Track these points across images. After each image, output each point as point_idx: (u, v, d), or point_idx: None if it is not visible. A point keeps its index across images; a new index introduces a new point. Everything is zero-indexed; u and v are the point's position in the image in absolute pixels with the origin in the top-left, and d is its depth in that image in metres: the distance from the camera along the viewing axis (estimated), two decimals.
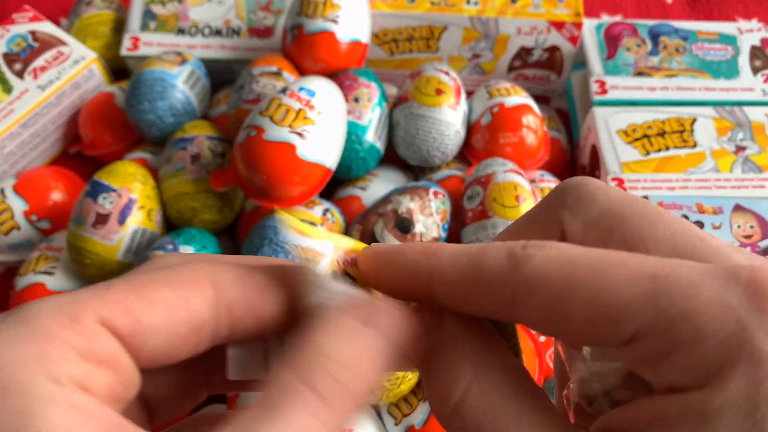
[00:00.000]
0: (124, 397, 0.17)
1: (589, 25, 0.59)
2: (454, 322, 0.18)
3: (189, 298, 0.18)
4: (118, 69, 0.62)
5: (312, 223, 0.46)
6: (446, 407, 0.17)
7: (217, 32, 0.60)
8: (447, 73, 0.53)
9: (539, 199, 0.48)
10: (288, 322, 0.19)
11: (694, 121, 0.53)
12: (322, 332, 0.17)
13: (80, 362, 0.16)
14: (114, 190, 0.48)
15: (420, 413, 0.44)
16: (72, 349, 0.16)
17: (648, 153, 0.52)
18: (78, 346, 0.16)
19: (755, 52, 0.58)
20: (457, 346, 0.17)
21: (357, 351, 0.17)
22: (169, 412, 0.21)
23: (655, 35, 0.59)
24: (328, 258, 0.20)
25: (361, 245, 0.20)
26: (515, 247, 0.16)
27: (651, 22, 0.60)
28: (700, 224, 0.47)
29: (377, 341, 0.17)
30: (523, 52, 0.60)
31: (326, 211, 0.49)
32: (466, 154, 0.54)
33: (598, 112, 0.54)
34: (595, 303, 0.15)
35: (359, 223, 0.47)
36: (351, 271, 0.20)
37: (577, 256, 0.15)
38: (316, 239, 0.20)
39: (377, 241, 0.46)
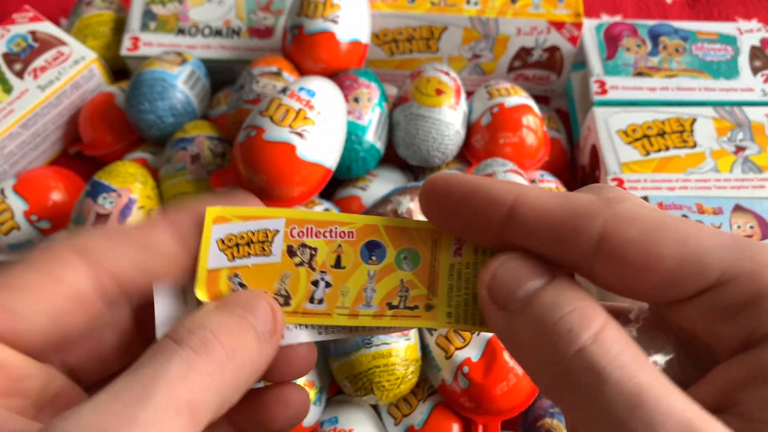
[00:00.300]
0: (17, 390, 0.17)
1: (589, 25, 0.59)
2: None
3: (57, 273, 0.18)
4: (119, 69, 0.62)
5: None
6: (583, 335, 0.15)
7: (217, 32, 0.60)
8: (447, 74, 0.53)
9: None
10: (187, 264, 0.20)
11: (693, 121, 0.53)
12: (201, 312, 0.18)
13: None
14: (114, 190, 0.48)
15: (420, 413, 0.44)
16: None
17: (648, 153, 0.52)
18: None
19: (755, 53, 0.58)
20: (583, 289, 0.17)
21: (229, 319, 0.18)
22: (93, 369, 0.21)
23: (655, 35, 0.59)
24: (281, 234, 0.20)
25: (314, 214, 0.20)
26: (605, 191, 0.17)
27: (651, 23, 0.60)
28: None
29: (238, 311, 0.18)
30: (523, 53, 0.60)
31: (326, 211, 0.49)
32: (466, 154, 0.54)
33: (598, 113, 0.54)
34: (684, 243, 0.15)
35: None
36: (309, 243, 0.20)
37: (661, 211, 0.17)
38: (265, 218, 0.20)
39: None
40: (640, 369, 0.15)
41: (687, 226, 0.16)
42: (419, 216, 0.46)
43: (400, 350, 0.42)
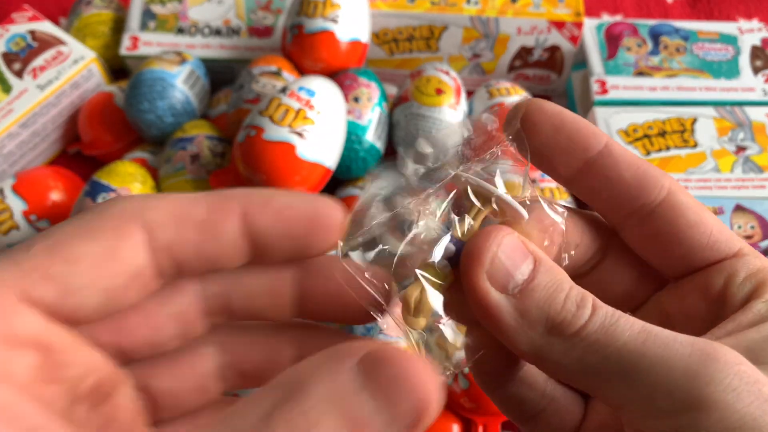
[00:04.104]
0: (58, 377, 0.16)
1: (589, 24, 0.59)
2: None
3: (117, 248, 0.16)
4: (118, 69, 0.62)
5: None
6: (587, 306, 0.17)
7: (217, 32, 0.60)
8: (447, 73, 0.52)
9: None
10: (253, 252, 0.18)
11: (694, 121, 0.53)
12: (319, 386, 0.14)
13: None
14: (113, 190, 0.48)
15: None
16: None
17: (649, 153, 0.52)
18: None
19: (756, 52, 0.58)
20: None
21: (331, 415, 0.14)
22: (177, 405, 0.20)
23: (655, 35, 0.59)
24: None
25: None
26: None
27: (651, 22, 0.60)
28: None
29: (365, 407, 0.14)
30: (524, 52, 0.59)
31: None
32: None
33: (599, 112, 0.54)
34: (718, 221, 0.20)
35: None
36: None
37: None
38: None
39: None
40: (630, 316, 0.17)
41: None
42: (419, 215, 0.46)
43: None
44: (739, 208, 0.48)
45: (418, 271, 0.19)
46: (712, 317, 0.19)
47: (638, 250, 0.21)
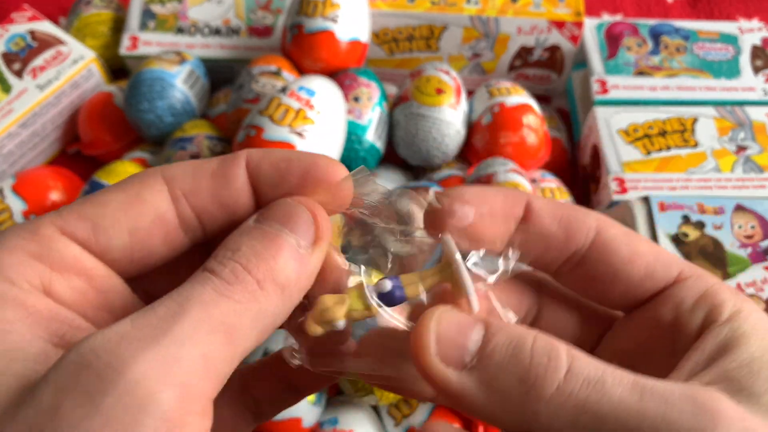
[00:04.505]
0: (105, 303, 0.18)
1: (589, 24, 0.59)
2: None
3: (140, 194, 0.18)
4: (117, 68, 0.62)
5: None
6: (561, 368, 0.16)
7: (217, 31, 0.60)
8: (447, 73, 0.52)
9: None
10: (257, 201, 0.20)
11: (695, 120, 0.53)
12: (239, 231, 0.18)
13: (39, 267, 0.17)
14: None
15: (420, 414, 0.44)
16: (30, 255, 0.17)
17: (649, 153, 0.52)
18: (36, 252, 0.17)
19: (756, 52, 0.58)
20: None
21: (261, 242, 0.17)
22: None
23: (655, 35, 0.59)
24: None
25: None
26: None
27: (652, 22, 0.60)
28: (701, 224, 0.47)
29: (269, 229, 0.18)
30: (524, 52, 0.59)
31: None
32: (467, 153, 0.54)
33: (599, 112, 0.54)
34: (652, 245, 0.20)
35: None
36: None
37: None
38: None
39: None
40: (615, 369, 0.16)
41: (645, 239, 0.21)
42: (419, 215, 0.46)
43: None
44: (739, 208, 0.48)
45: (350, 284, 0.19)
46: (669, 349, 0.19)
47: (578, 293, 0.21)
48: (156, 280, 0.20)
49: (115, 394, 0.14)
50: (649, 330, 0.20)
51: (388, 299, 0.19)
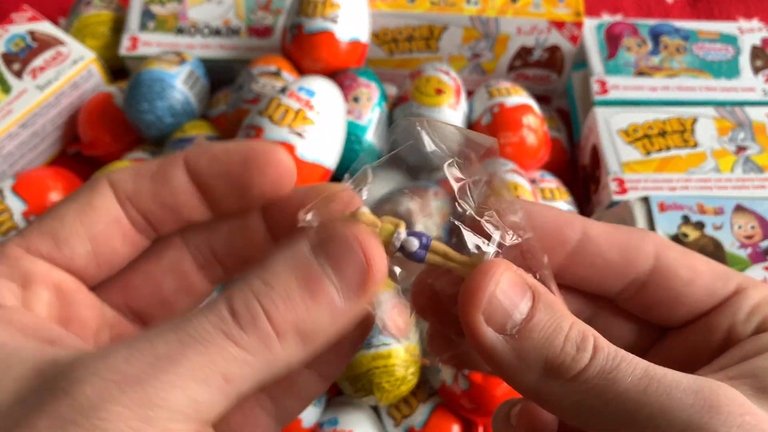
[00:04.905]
0: (74, 316, 0.19)
1: (589, 24, 0.59)
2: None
3: (92, 201, 0.19)
4: (117, 69, 0.62)
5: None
6: (588, 347, 0.17)
7: (217, 32, 0.60)
8: (447, 73, 0.52)
9: (539, 200, 0.48)
10: (205, 198, 0.20)
11: (695, 121, 0.53)
12: (287, 256, 0.17)
13: (12, 287, 0.18)
14: None
15: (420, 414, 0.44)
16: (1, 277, 0.18)
17: (649, 153, 0.52)
18: (6, 273, 0.18)
19: (756, 52, 0.58)
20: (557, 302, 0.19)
21: (300, 282, 0.16)
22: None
23: (655, 35, 0.59)
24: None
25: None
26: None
27: (652, 22, 0.60)
28: (701, 224, 0.47)
29: (317, 268, 0.16)
30: (524, 52, 0.59)
31: None
32: None
33: (599, 112, 0.54)
34: (709, 262, 0.20)
35: None
36: None
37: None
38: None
39: None
40: (634, 357, 0.17)
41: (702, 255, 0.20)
42: (419, 216, 0.46)
43: (400, 351, 0.42)
44: (739, 208, 0.48)
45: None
46: (717, 356, 0.19)
47: (638, 314, 0.21)
48: (132, 286, 0.21)
49: (88, 428, 0.14)
50: (703, 339, 0.20)
51: (409, 254, 0.18)
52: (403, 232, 0.18)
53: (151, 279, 0.21)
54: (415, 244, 0.18)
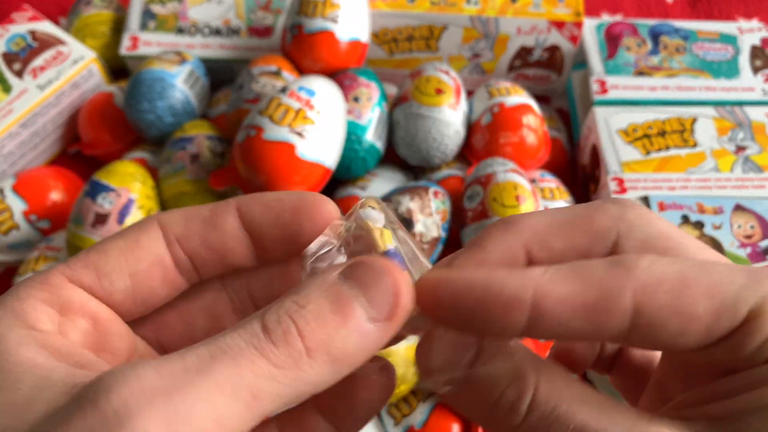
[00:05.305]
0: (107, 345, 0.19)
1: (589, 24, 0.59)
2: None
3: (139, 240, 0.20)
4: (118, 69, 0.62)
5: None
6: (522, 406, 0.17)
7: (217, 32, 0.60)
8: (447, 73, 0.52)
9: (539, 199, 0.48)
10: (255, 245, 0.21)
11: (694, 120, 0.53)
12: (319, 281, 0.18)
13: (51, 312, 0.18)
14: (113, 190, 0.48)
15: (420, 414, 0.44)
16: (41, 301, 0.18)
17: (648, 153, 0.52)
18: (46, 299, 0.18)
19: (756, 52, 0.58)
20: (512, 352, 0.18)
21: (332, 304, 0.17)
22: None
23: (655, 35, 0.59)
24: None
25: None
26: (616, 257, 0.17)
27: (651, 22, 0.60)
28: (701, 224, 0.47)
29: (347, 292, 0.17)
30: (524, 52, 0.59)
31: None
32: (466, 153, 0.54)
33: (599, 112, 0.54)
34: (713, 294, 0.16)
35: None
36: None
37: (674, 259, 0.17)
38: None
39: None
40: (576, 411, 0.16)
41: (709, 275, 0.16)
42: (419, 215, 0.46)
43: (400, 350, 0.42)
44: (738, 208, 0.48)
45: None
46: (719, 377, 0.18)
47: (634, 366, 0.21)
48: (166, 323, 0.21)
49: None
50: (704, 365, 0.19)
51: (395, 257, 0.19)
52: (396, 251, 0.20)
53: (186, 317, 0.22)
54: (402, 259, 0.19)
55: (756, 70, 0.57)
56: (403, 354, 0.42)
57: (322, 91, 0.47)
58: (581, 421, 0.16)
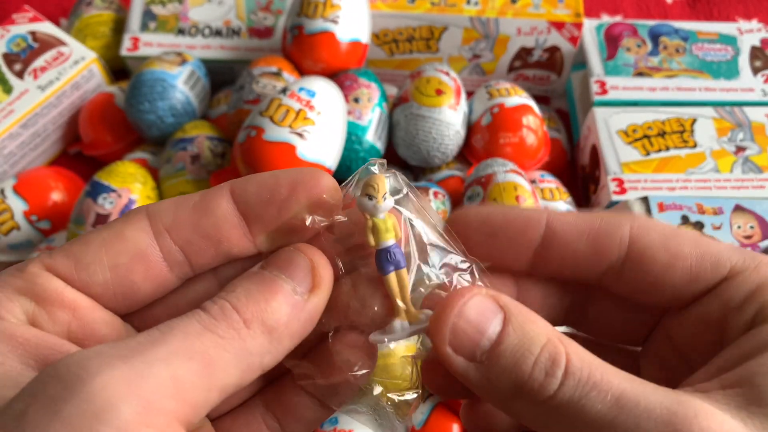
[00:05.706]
0: (91, 333, 0.19)
1: (589, 25, 0.59)
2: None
3: (122, 231, 0.19)
4: (118, 69, 0.62)
5: None
6: (557, 373, 0.17)
7: (217, 32, 0.60)
8: (447, 74, 0.53)
9: (539, 200, 0.48)
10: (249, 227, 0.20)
11: (694, 121, 0.53)
12: (241, 276, 0.19)
13: (24, 301, 0.18)
14: (114, 191, 0.48)
15: (420, 413, 0.44)
16: (16, 290, 0.18)
17: (648, 153, 0.52)
18: (21, 287, 0.18)
19: (755, 53, 0.58)
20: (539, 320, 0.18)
21: (257, 285, 0.18)
22: None
23: (655, 35, 0.59)
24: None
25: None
26: (615, 214, 0.19)
27: (651, 23, 0.60)
28: (701, 224, 0.47)
29: (268, 275, 0.19)
30: (524, 53, 0.60)
31: None
32: (467, 154, 0.54)
33: (599, 113, 0.54)
34: (698, 243, 0.19)
35: None
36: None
37: (664, 221, 0.19)
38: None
39: None
40: (610, 380, 0.16)
41: (697, 234, 0.19)
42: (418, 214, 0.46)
43: (399, 350, 0.42)
44: (738, 209, 0.48)
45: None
46: (715, 346, 0.19)
47: (624, 297, 0.21)
48: (152, 318, 0.21)
49: (76, 402, 0.14)
50: (698, 326, 0.19)
51: (384, 259, 0.20)
52: (397, 248, 0.20)
53: (172, 309, 0.21)
54: (397, 259, 0.20)
55: (756, 70, 0.57)
56: (403, 353, 0.42)
57: (323, 91, 0.47)
58: (618, 388, 0.16)
